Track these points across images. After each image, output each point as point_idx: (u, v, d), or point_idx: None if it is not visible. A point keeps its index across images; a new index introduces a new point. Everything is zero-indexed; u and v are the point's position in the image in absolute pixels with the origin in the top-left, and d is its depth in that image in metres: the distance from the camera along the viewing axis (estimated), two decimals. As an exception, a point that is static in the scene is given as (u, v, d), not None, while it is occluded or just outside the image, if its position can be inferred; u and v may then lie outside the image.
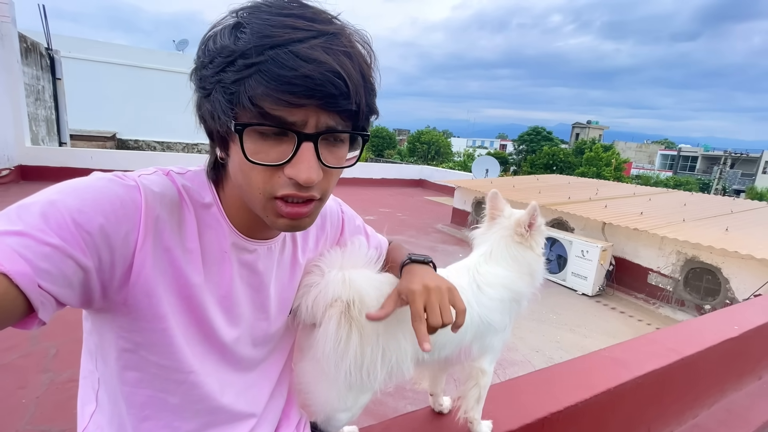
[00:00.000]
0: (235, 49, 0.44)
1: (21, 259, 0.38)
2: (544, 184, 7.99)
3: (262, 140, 0.47)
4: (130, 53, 13.43)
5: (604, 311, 4.51)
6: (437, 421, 1.01)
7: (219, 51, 0.46)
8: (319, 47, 0.44)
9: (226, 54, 0.45)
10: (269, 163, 0.47)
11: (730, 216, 5.65)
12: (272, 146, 0.47)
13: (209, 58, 0.46)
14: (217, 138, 0.51)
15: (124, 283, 0.48)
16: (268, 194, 0.49)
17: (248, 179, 0.49)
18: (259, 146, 0.47)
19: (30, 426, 1.87)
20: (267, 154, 0.47)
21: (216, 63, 0.46)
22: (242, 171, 0.49)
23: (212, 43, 0.47)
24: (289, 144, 0.47)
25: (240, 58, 0.44)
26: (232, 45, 0.45)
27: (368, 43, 0.51)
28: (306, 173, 0.47)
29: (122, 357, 0.53)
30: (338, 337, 0.64)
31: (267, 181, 0.49)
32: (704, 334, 1.61)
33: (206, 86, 0.47)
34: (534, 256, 0.91)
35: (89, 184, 0.46)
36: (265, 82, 0.43)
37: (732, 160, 37.14)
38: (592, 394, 1.15)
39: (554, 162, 27.52)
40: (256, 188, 0.49)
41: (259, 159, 0.47)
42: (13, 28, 6.87)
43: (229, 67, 0.45)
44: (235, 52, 0.44)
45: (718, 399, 1.70)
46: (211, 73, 0.46)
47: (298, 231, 0.57)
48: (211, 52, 0.47)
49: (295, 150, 0.47)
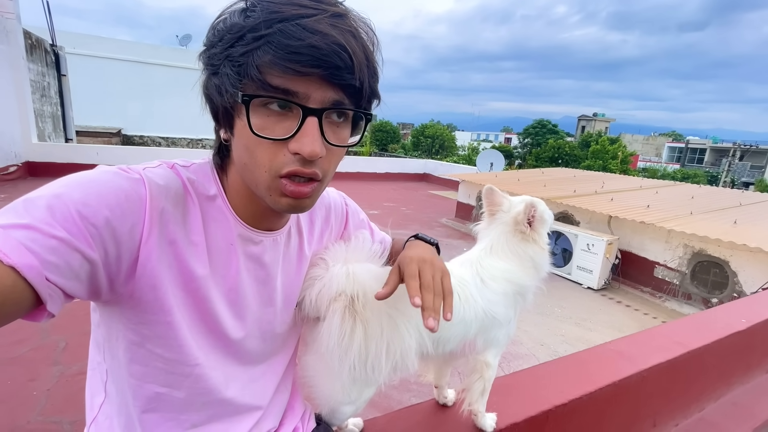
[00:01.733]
0: (244, 25, 0.46)
1: (28, 252, 0.38)
2: (550, 177, 7.93)
3: (267, 116, 0.48)
4: (134, 49, 13.47)
5: (610, 305, 4.49)
6: (441, 413, 1.02)
7: (228, 29, 0.47)
8: (325, 22, 0.46)
9: (236, 30, 0.47)
10: (275, 137, 0.48)
11: (739, 209, 5.58)
12: (277, 122, 0.48)
13: (218, 37, 0.48)
14: (222, 116, 0.51)
15: (131, 275, 0.48)
16: (273, 172, 0.50)
17: (253, 157, 0.50)
18: (264, 121, 0.48)
19: (41, 417, 1.91)
20: (272, 129, 0.48)
21: (225, 40, 0.47)
22: (247, 148, 0.50)
23: (222, 24, 0.49)
24: (293, 120, 0.48)
25: (249, 33, 0.46)
26: (242, 22, 0.47)
27: (372, 29, 0.52)
28: (310, 146, 0.48)
29: (130, 349, 0.54)
30: (342, 331, 0.64)
31: (272, 158, 0.49)
32: (711, 327, 1.60)
33: (214, 63, 0.49)
34: (537, 248, 0.90)
35: (94, 177, 0.46)
36: (272, 52, 0.45)
37: (741, 152, 36.61)
38: (596, 387, 1.15)
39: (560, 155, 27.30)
40: (262, 166, 0.50)
41: (265, 134, 0.48)
42: (18, 25, 6.89)
43: (237, 42, 0.46)
44: (245, 27, 0.46)
45: (725, 392, 1.69)
46: (220, 50, 0.48)
47: (300, 212, 0.58)
48: (220, 31, 0.48)
49: (299, 125, 0.48)
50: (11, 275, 0.37)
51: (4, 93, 6.63)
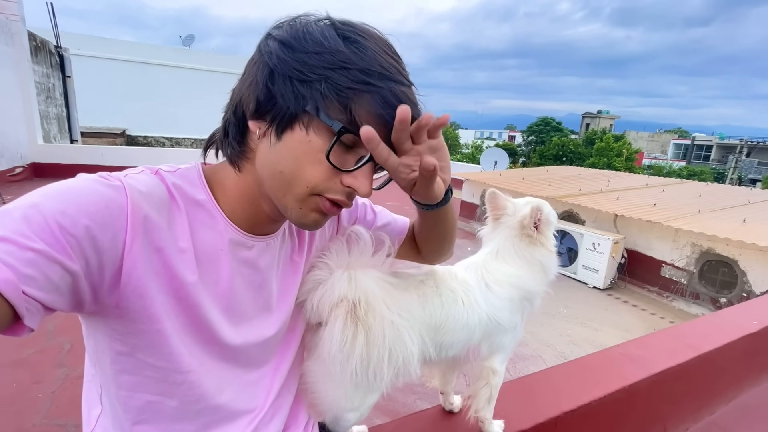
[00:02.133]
0: (351, 59, 0.49)
1: (3, 266, 0.37)
2: (554, 175, 7.87)
3: (336, 147, 0.50)
4: (137, 50, 13.53)
5: (616, 304, 4.45)
6: (447, 420, 1.00)
7: (331, 51, 0.49)
8: (413, 94, 0.53)
9: (341, 58, 0.48)
10: (340, 166, 0.51)
11: (748, 206, 5.51)
12: (341, 153, 0.51)
13: (314, 49, 0.49)
14: (277, 117, 0.50)
15: (115, 285, 0.47)
16: (316, 190, 0.52)
17: (301, 171, 0.51)
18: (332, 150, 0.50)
19: (46, 420, 1.91)
20: (334, 157, 0.50)
21: (326, 59, 0.48)
22: (297, 161, 0.51)
23: (320, 37, 0.49)
24: (354, 157, 0.52)
25: (359, 72, 0.48)
26: (348, 53, 0.49)
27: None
28: (368, 188, 0.53)
29: (117, 360, 0.52)
30: (344, 337, 0.62)
31: (322, 180, 0.51)
32: (722, 329, 1.57)
33: (306, 72, 0.49)
34: (545, 251, 0.88)
35: (73, 185, 0.45)
36: (381, 106, 0.49)
37: (748, 148, 36.23)
38: (606, 393, 1.13)
39: (564, 153, 27.14)
40: (306, 181, 0.51)
41: (332, 160, 0.50)
42: (23, 27, 6.93)
43: (342, 71, 0.48)
44: (352, 62, 0.48)
45: (736, 395, 1.66)
46: (318, 64, 0.48)
47: (315, 229, 0.59)
48: (317, 43, 0.49)
49: (362, 163, 0.52)
50: None
51: (10, 95, 6.68)
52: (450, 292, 0.79)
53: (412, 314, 0.71)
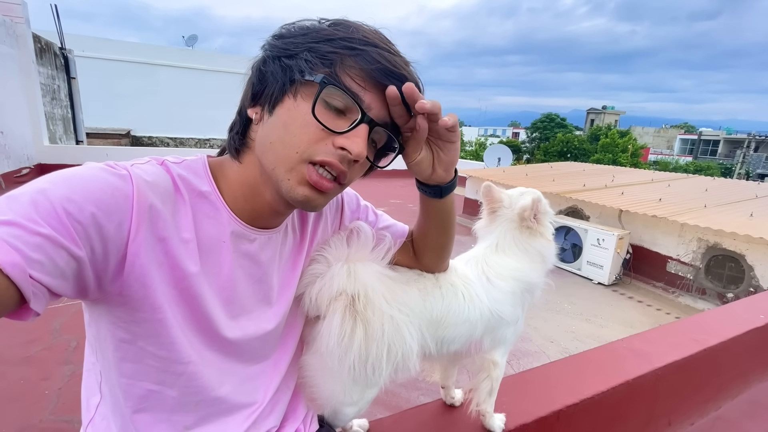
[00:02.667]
0: (335, 32, 0.52)
1: (11, 249, 0.37)
2: (558, 171, 7.82)
3: (325, 108, 0.51)
4: (141, 50, 13.59)
5: (621, 300, 4.42)
6: (449, 414, 1.00)
7: (316, 30, 0.53)
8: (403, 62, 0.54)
9: (325, 34, 0.52)
10: (330, 127, 0.51)
11: (755, 201, 5.44)
12: (332, 117, 0.52)
13: (301, 32, 0.53)
14: (270, 94, 0.53)
15: (119, 273, 0.47)
16: (306, 156, 0.52)
17: (291, 136, 0.52)
18: (320, 111, 0.51)
19: (53, 416, 1.93)
20: (325, 121, 0.51)
21: (310, 36, 0.52)
22: (287, 127, 0.52)
23: (307, 23, 0.54)
24: (347, 121, 0.52)
25: (341, 40, 0.51)
26: (331, 30, 0.52)
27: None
28: (360, 146, 0.52)
29: (120, 348, 0.53)
30: (342, 331, 0.62)
31: (312, 143, 0.51)
32: (728, 323, 1.55)
33: (291, 49, 0.52)
34: (544, 242, 0.88)
35: (80, 173, 0.45)
36: (371, 65, 0.51)
37: (756, 143, 35.75)
38: (609, 386, 1.12)
39: (568, 149, 26.94)
40: (296, 146, 0.51)
41: (321, 120, 0.51)
42: (27, 29, 6.98)
43: (325, 42, 0.51)
44: (335, 35, 0.51)
45: (742, 390, 1.64)
46: (303, 41, 0.52)
47: (309, 209, 0.58)
48: (304, 28, 0.53)
49: (354, 125, 0.52)
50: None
51: (16, 97, 6.74)
52: (450, 286, 0.78)
53: (411, 309, 0.70)
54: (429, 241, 0.74)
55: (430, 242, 0.75)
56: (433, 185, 0.65)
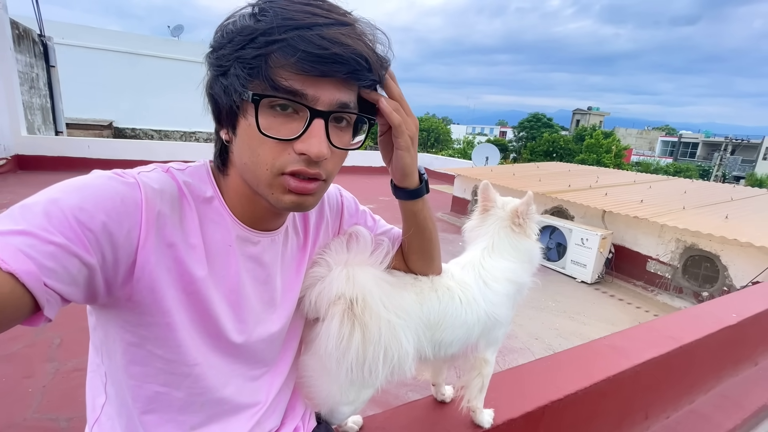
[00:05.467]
0: (256, 28, 0.47)
1: (26, 258, 0.38)
2: (545, 171, 7.96)
3: (273, 116, 0.49)
4: (125, 39, 13.21)
5: (603, 298, 4.55)
6: (440, 410, 1.03)
7: (239, 31, 0.48)
8: (338, 30, 0.48)
9: (247, 33, 0.48)
10: (281, 137, 0.49)
11: (730, 203, 5.65)
12: (283, 123, 0.50)
13: (227, 39, 0.49)
14: (226, 117, 0.52)
15: (128, 279, 0.49)
16: (276, 170, 0.51)
17: (256, 156, 0.51)
18: (270, 122, 0.49)
19: (37, 414, 1.90)
20: (278, 130, 0.49)
21: (236, 42, 0.48)
22: (251, 147, 0.51)
23: (231, 26, 0.50)
24: (299, 122, 0.50)
25: (261, 36, 0.47)
26: (253, 25, 0.48)
27: (383, 33, 0.53)
28: (317, 147, 0.49)
29: (128, 351, 0.54)
30: (341, 334, 0.64)
31: (276, 157, 0.50)
32: (703, 321, 1.63)
33: (223, 63, 0.50)
34: (531, 242, 0.91)
35: (89, 182, 0.46)
36: (292, 56, 0.46)
37: (733, 146, 36.96)
38: (591, 382, 1.17)
39: (554, 149, 27.35)
40: (264, 164, 0.51)
41: (271, 133, 0.49)
42: (5, 15, 6.72)
43: (249, 45, 0.48)
44: (257, 30, 0.47)
45: (715, 385, 1.73)
46: (230, 51, 0.49)
47: (302, 210, 0.57)
48: (230, 33, 0.49)
49: (306, 126, 0.49)
50: (10, 281, 0.37)
51: (-8, 85, 6.50)
52: (447, 290, 0.80)
53: (408, 313, 0.72)
54: (412, 245, 0.75)
55: (413, 246, 0.75)
56: (401, 188, 0.67)
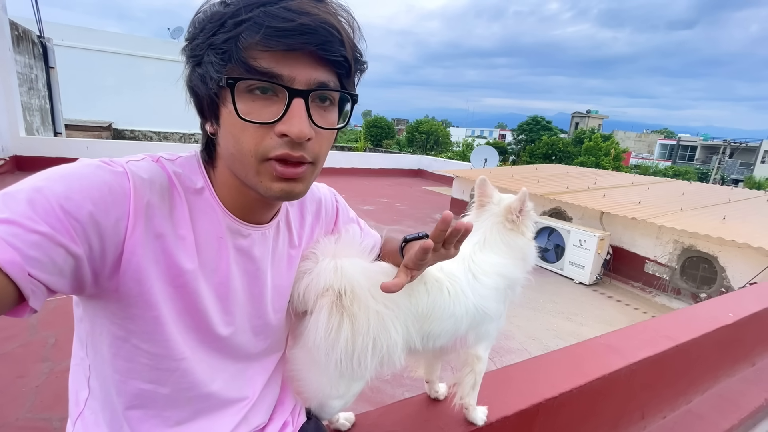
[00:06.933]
0: (224, 12, 0.47)
1: (9, 247, 0.37)
2: (543, 173, 7.97)
3: (252, 101, 0.48)
4: (124, 41, 13.22)
5: (601, 300, 4.54)
6: (433, 407, 1.02)
7: (209, 18, 0.48)
8: (307, 3, 0.47)
9: (216, 18, 0.47)
10: (261, 121, 0.48)
11: (728, 205, 5.66)
12: (263, 107, 0.48)
13: (199, 28, 0.49)
14: (207, 108, 0.51)
15: (115, 270, 0.48)
16: (260, 156, 0.49)
17: (239, 143, 0.49)
18: (249, 106, 0.48)
19: (30, 414, 1.88)
20: (258, 114, 0.48)
21: (207, 29, 0.48)
22: (233, 135, 0.49)
23: (203, 14, 0.49)
24: (279, 104, 0.48)
25: (230, 19, 0.46)
26: (222, 10, 0.47)
27: (352, 15, 0.52)
28: (298, 127, 0.47)
29: (114, 344, 0.53)
30: (329, 326, 0.64)
31: (259, 143, 0.49)
32: (699, 321, 1.62)
33: (197, 53, 0.49)
34: (525, 240, 0.91)
35: (76, 170, 0.45)
36: (258, 33, 0.45)
37: (731, 149, 37.09)
38: (587, 381, 1.16)
39: (553, 152, 27.39)
40: (248, 151, 0.49)
41: (251, 118, 0.48)
42: (4, 16, 6.73)
43: (219, 30, 0.47)
44: (225, 14, 0.47)
45: (712, 385, 1.72)
46: (202, 40, 0.48)
47: (293, 199, 0.56)
48: (201, 22, 0.49)
49: (286, 107, 0.48)
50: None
51: (-9, 85, 6.49)
52: (435, 281, 0.80)
53: (397, 304, 0.72)
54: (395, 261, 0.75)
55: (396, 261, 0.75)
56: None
